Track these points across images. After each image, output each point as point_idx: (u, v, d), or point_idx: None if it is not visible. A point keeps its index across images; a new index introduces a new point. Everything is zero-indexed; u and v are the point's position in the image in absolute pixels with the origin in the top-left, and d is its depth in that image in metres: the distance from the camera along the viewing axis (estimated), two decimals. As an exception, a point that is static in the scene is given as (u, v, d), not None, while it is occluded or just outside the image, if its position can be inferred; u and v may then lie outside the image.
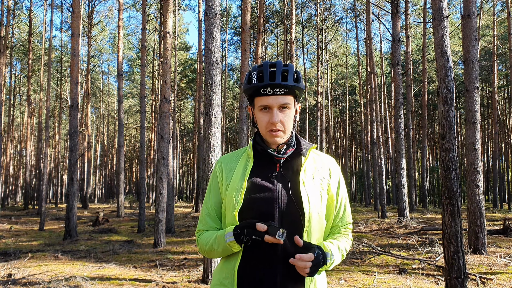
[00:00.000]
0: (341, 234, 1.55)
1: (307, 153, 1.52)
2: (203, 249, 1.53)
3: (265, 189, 1.45)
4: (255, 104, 1.48)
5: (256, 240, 1.35)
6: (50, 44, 17.83)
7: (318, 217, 1.45)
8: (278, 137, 1.46)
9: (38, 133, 26.73)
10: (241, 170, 1.51)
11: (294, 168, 1.50)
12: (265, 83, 1.42)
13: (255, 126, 1.55)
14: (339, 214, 1.56)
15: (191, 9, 59.84)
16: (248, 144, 1.55)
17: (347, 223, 1.58)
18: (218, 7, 5.91)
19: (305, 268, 1.32)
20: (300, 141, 1.55)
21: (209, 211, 1.55)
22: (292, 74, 1.45)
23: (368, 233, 10.59)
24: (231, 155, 1.60)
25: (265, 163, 1.50)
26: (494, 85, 21.94)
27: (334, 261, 1.44)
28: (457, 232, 4.48)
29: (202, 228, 1.57)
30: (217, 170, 1.57)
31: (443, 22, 4.95)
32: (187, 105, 40.87)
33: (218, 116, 5.82)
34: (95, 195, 41.23)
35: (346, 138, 41.58)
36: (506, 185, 33.33)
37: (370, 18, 17.97)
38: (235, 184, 1.48)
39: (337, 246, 1.48)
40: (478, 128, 7.34)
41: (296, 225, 1.41)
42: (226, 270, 1.46)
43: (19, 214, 22.06)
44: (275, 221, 1.41)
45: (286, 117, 1.46)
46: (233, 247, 1.41)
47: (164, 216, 9.62)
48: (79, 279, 5.93)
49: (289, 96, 1.46)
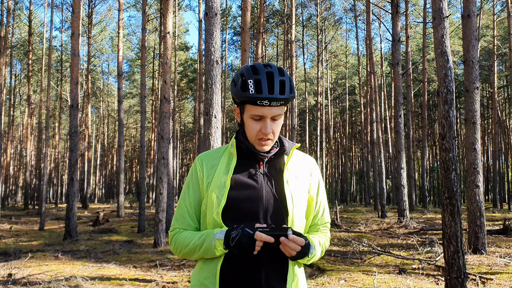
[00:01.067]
0: (320, 231, 1.57)
1: (290, 152, 1.51)
2: (179, 249, 1.47)
3: (249, 187, 1.43)
4: (246, 110, 1.44)
5: (247, 233, 1.31)
6: (50, 44, 17.84)
7: (300, 215, 1.46)
8: (267, 146, 1.45)
9: (38, 133, 26.74)
10: (224, 167, 1.47)
11: (277, 167, 1.50)
12: (263, 96, 1.36)
13: (241, 128, 1.51)
14: (319, 214, 1.57)
15: (191, 9, 59.95)
16: (230, 142, 1.52)
17: (326, 221, 1.60)
18: (218, 7, 5.91)
19: (293, 250, 1.32)
20: (282, 141, 1.54)
21: (187, 208, 1.50)
22: (289, 85, 1.41)
23: (368, 233, 10.59)
24: (212, 152, 1.56)
25: (248, 161, 1.48)
26: (494, 85, 21.94)
27: (315, 255, 1.45)
28: (457, 232, 4.48)
29: (179, 226, 1.51)
30: (198, 167, 1.51)
31: (443, 22, 4.95)
32: (187, 105, 40.87)
33: (218, 116, 5.83)
34: (95, 195, 41.23)
35: (346, 138, 41.57)
36: (506, 185, 33.33)
37: (370, 18, 17.98)
38: (218, 181, 1.44)
39: (318, 241, 1.49)
40: (478, 128, 7.34)
41: (279, 223, 1.41)
42: (207, 270, 1.42)
43: (19, 214, 22.06)
44: (260, 219, 1.40)
45: (277, 126, 1.45)
46: (217, 248, 1.36)
47: (164, 216, 9.62)
48: (79, 279, 5.93)
49: (282, 107, 1.44)
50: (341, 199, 37.88)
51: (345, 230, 11.12)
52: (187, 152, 50.72)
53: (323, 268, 6.52)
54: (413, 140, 22.89)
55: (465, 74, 7.45)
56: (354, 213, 17.82)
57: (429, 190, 31.02)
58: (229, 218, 1.40)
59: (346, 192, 38.87)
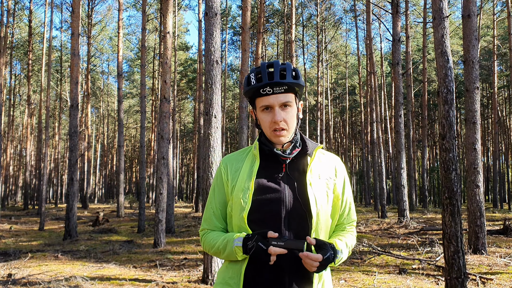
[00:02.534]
0: (346, 231, 1.56)
1: (313, 153, 1.51)
2: (208, 249, 1.53)
3: (271, 190, 1.44)
4: (257, 105, 1.48)
5: (261, 248, 1.33)
6: (50, 44, 17.84)
7: (325, 217, 1.45)
8: (283, 137, 1.46)
9: (38, 133, 26.71)
10: (247, 170, 1.49)
11: (300, 169, 1.49)
12: (264, 82, 1.42)
13: (259, 128, 1.53)
14: (345, 213, 1.56)
15: (191, 9, 60.03)
16: (253, 144, 1.54)
17: (352, 220, 1.59)
18: (218, 7, 5.90)
19: (312, 266, 1.33)
20: (305, 141, 1.54)
21: (214, 210, 1.54)
22: (291, 72, 1.45)
23: (368, 233, 10.58)
24: (236, 155, 1.58)
25: (271, 163, 1.49)
26: (494, 85, 21.94)
27: (342, 258, 1.45)
28: (457, 232, 4.48)
29: (207, 227, 1.56)
30: (222, 170, 1.55)
31: (443, 22, 4.95)
32: (187, 105, 40.86)
33: (218, 116, 5.82)
34: (95, 195, 41.23)
35: (346, 138, 41.58)
36: (506, 185, 33.33)
37: (370, 18, 17.97)
38: (242, 185, 1.46)
39: (345, 243, 1.49)
40: (478, 128, 7.33)
41: (303, 226, 1.41)
42: (232, 270, 1.45)
43: (19, 214, 22.06)
44: (282, 223, 1.40)
45: (288, 115, 1.46)
46: (237, 253, 1.39)
47: (164, 216, 9.61)
48: (79, 279, 5.92)
49: (289, 94, 1.45)
50: (341, 199, 37.78)
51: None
52: (187, 152, 50.70)
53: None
54: (413, 140, 22.88)
55: (465, 74, 7.45)
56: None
57: (429, 190, 31.02)
58: (253, 221, 1.42)
59: (346, 192, 38.79)
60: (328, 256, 1.35)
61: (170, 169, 14.34)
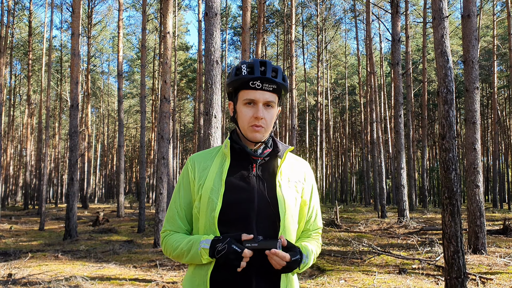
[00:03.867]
0: (312, 238, 1.55)
1: (283, 155, 1.49)
2: (169, 252, 1.46)
3: (242, 190, 1.41)
4: (239, 98, 1.45)
5: (234, 250, 1.29)
6: (50, 44, 17.85)
7: (292, 220, 1.44)
8: (259, 133, 1.43)
9: (38, 133, 26.73)
10: (217, 169, 1.45)
11: (270, 170, 1.48)
12: (255, 75, 1.40)
13: (235, 122, 1.50)
14: (311, 219, 1.55)
15: (191, 9, 59.99)
16: (224, 142, 1.50)
17: (318, 227, 1.58)
18: (218, 7, 5.91)
19: (279, 264, 1.31)
20: (276, 142, 1.53)
21: (178, 210, 1.49)
22: (281, 74, 1.44)
23: (368, 233, 10.59)
24: (205, 153, 1.54)
25: (241, 163, 1.46)
26: (494, 85, 21.94)
27: (307, 264, 1.43)
28: (457, 232, 4.48)
29: (170, 228, 1.50)
30: (189, 168, 1.50)
31: (443, 22, 4.95)
32: (187, 105, 40.87)
33: (218, 116, 5.83)
34: (95, 195, 41.25)
35: (346, 138, 41.57)
36: (506, 185, 33.33)
37: (370, 18, 17.99)
38: (211, 183, 1.42)
39: (311, 250, 1.47)
40: (478, 128, 7.34)
41: (272, 227, 1.39)
42: (198, 277, 1.40)
43: (19, 214, 22.06)
44: (252, 223, 1.38)
45: (269, 115, 1.44)
46: (202, 256, 1.35)
47: (164, 216, 9.62)
48: (79, 279, 5.93)
49: (275, 94, 1.44)
50: (341, 199, 37.90)
51: (345, 230, 11.12)
52: (187, 152, 50.71)
53: (323, 268, 6.53)
54: (413, 140, 22.89)
55: (465, 74, 7.45)
56: (354, 213, 17.82)
57: (429, 190, 31.01)
58: (222, 221, 1.38)
59: (346, 192, 38.87)
60: (296, 258, 1.34)
61: (170, 169, 14.35)
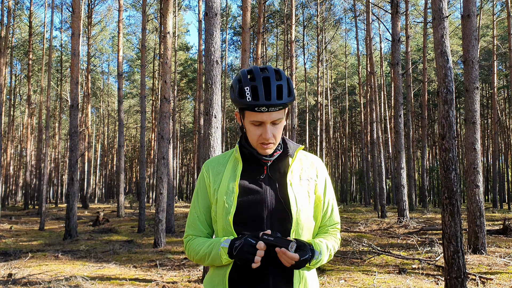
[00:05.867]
0: (329, 234, 1.55)
1: (294, 154, 1.51)
2: (193, 256, 1.50)
3: (254, 192, 1.45)
4: (246, 116, 1.44)
5: (249, 242, 1.33)
6: (50, 44, 17.86)
7: (306, 217, 1.46)
8: (269, 149, 1.46)
9: (38, 133, 26.74)
10: (230, 173, 1.50)
11: (281, 170, 1.50)
12: (260, 102, 1.36)
13: (243, 132, 1.52)
14: (327, 214, 1.56)
15: (191, 9, 59.94)
16: (235, 147, 1.54)
17: (335, 222, 1.58)
18: (218, 7, 5.91)
19: (287, 263, 1.33)
20: (286, 143, 1.54)
21: (198, 214, 1.53)
22: (287, 88, 1.40)
23: (368, 233, 10.59)
24: (218, 158, 1.58)
25: (253, 166, 1.50)
26: (494, 85, 21.94)
27: (321, 260, 1.44)
28: (457, 232, 4.48)
29: (191, 233, 1.54)
30: (204, 174, 1.55)
31: (443, 22, 4.96)
32: (187, 105, 40.88)
33: (218, 116, 5.83)
34: (95, 195, 41.23)
35: (346, 138, 41.58)
36: (506, 185, 33.32)
37: (370, 18, 17.99)
38: (225, 187, 1.46)
39: (326, 245, 1.48)
40: (478, 128, 7.34)
41: (285, 226, 1.42)
42: (217, 277, 1.45)
43: (19, 214, 22.06)
44: (264, 223, 1.41)
45: (277, 130, 1.45)
46: (222, 256, 1.39)
47: (164, 216, 9.62)
48: (79, 279, 5.93)
49: (282, 111, 1.43)
50: (341, 199, 37.88)
51: (345, 230, 11.12)
52: (187, 152, 50.71)
53: (323, 268, 6.53)
54: (413, 140, 22.90)
55: (465, 74, 7.46)
56: (354, 213, 17.83)
57: (429, 190, 31.02)
58: (238, 224, 1.42)
59: (346, 192, 38.87)
60: (306, 257, 1.35)
61: (170, 169, 14.35)
